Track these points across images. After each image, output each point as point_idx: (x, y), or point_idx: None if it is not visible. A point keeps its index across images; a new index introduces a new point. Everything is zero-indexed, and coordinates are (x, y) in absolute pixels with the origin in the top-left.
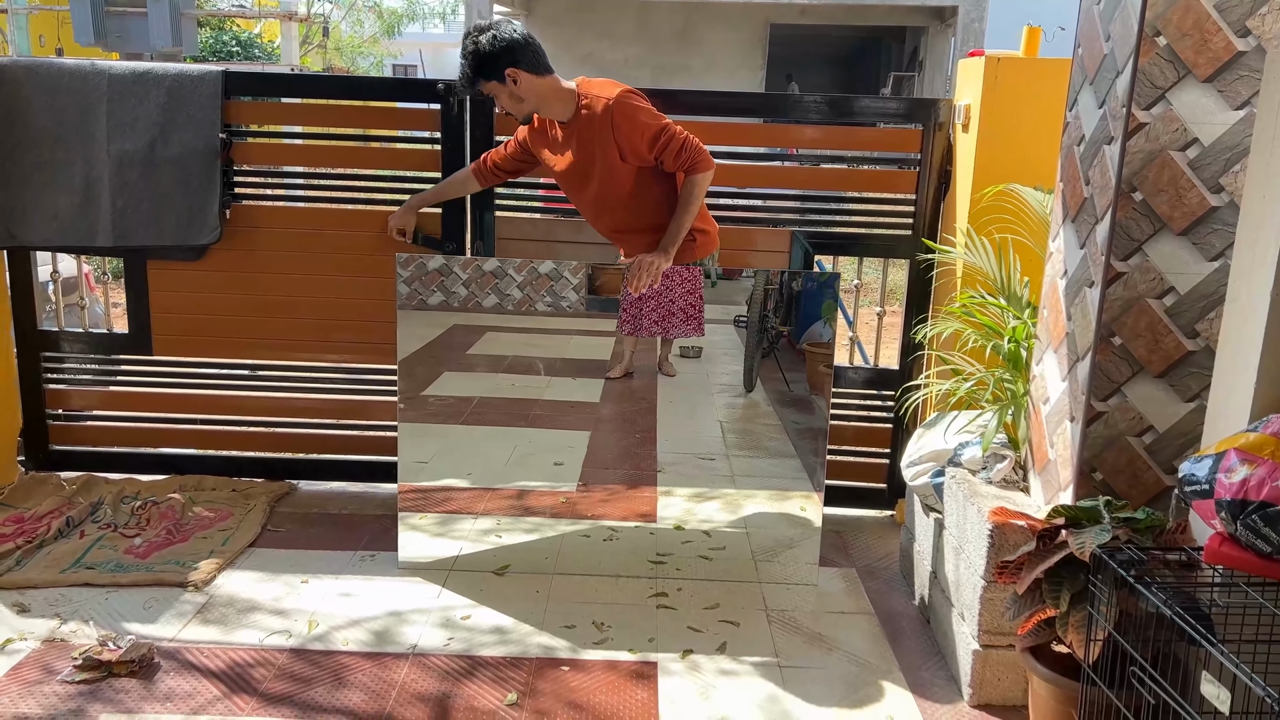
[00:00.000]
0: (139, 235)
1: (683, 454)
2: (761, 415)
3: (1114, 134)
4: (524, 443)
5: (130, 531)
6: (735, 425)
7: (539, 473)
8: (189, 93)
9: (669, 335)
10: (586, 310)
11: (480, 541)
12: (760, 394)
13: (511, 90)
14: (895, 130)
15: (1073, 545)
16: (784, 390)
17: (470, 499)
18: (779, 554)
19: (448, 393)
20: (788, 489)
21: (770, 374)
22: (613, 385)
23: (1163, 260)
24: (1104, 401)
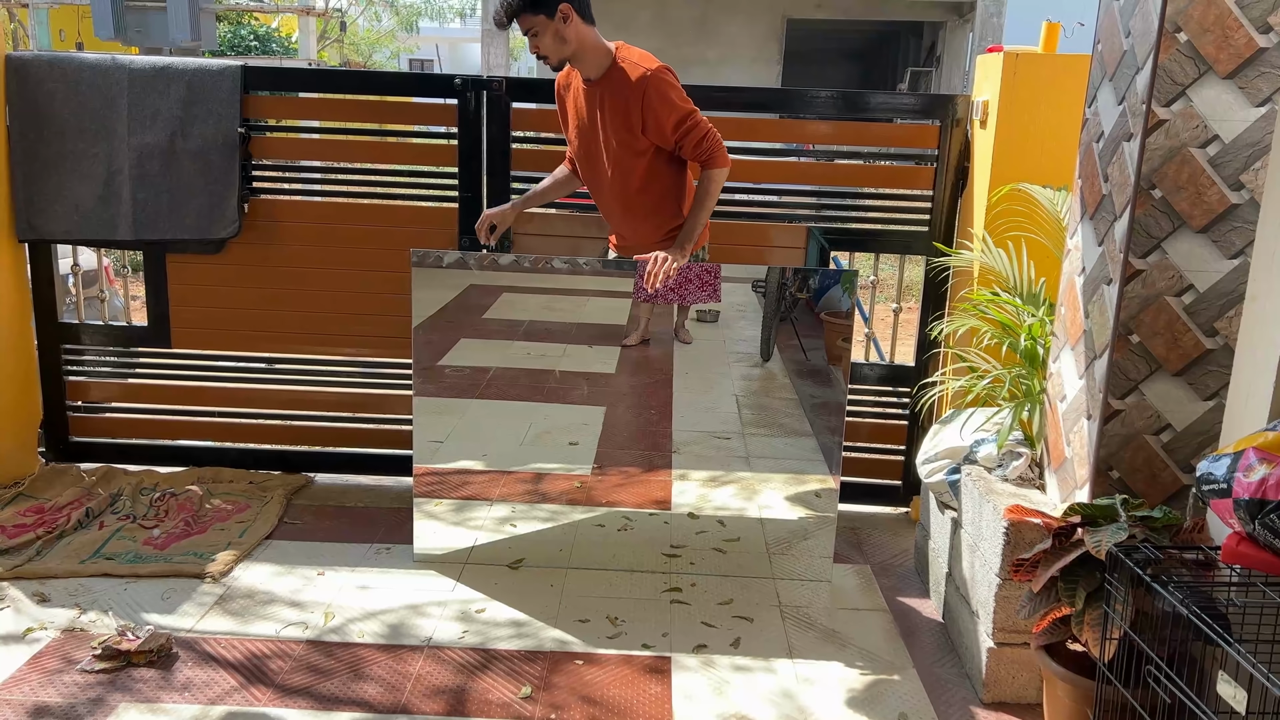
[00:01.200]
0: (159, 228)
1: (698, 433)
2: (778, 388)
3: (1133, 131)
4: (540, 419)
5: (149, 523)
6: (751, 400)
7: (554, 454)
8: (208, 87)
9: (685, 302)
10: (603, 269)
11: (496, 531)
12: (777, 364)
13: (559, 29)
14: (912, 126)
15: (1089, 543)
16: (801, 360)
17: (486, 483)
18: (793, 546)
19: (464, 362)
20: (804, 471)
21: (787, 341)
22: (629, 354)
23: (1182, 258)
24: (1121, 399)
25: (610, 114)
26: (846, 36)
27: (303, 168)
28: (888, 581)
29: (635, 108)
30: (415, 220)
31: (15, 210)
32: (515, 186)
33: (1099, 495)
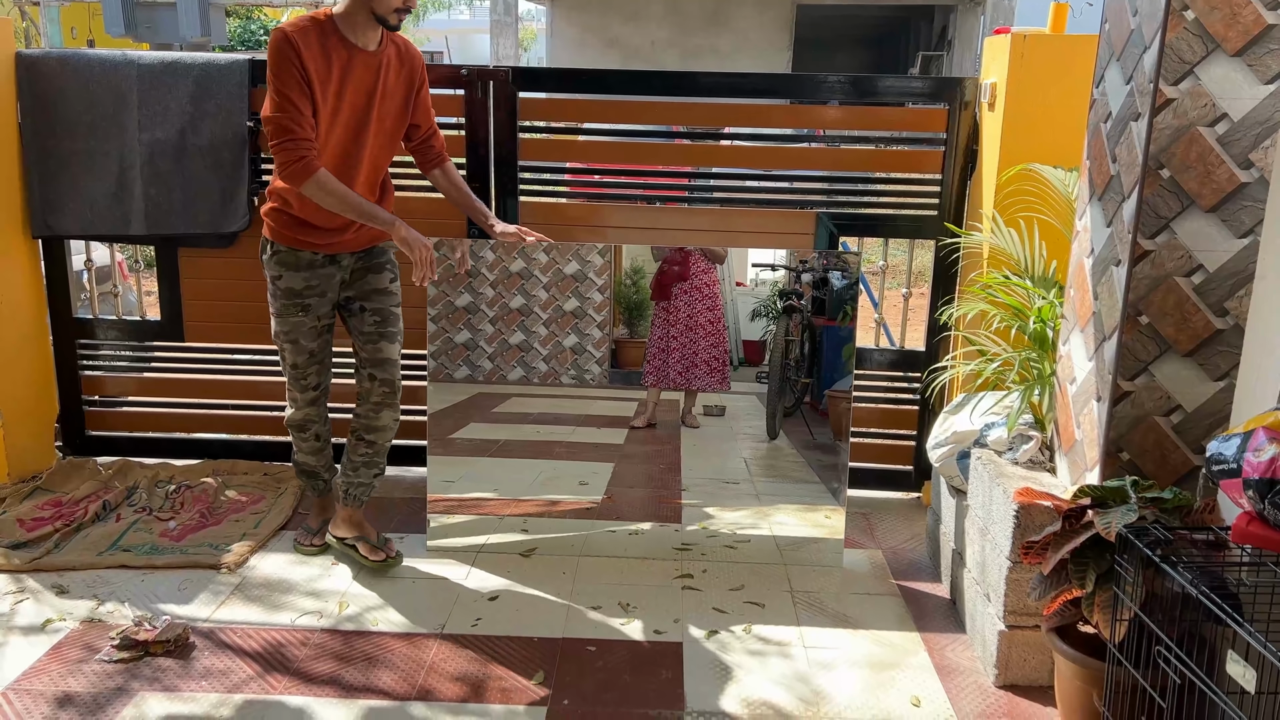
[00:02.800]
0: (171, 223)
1: (708, 480)
2: (785, 456)
3: (1141, 110)
4: (549, 470)
5: (165, 515)
6: (760, 463)
7: (563, 490)
8: (217, 82)
9: (693, 387)
10: (609, 383)
11: (508, 534)
12: (784, 440)
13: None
14: (920, 110)
15: (1098, 525)
16: (808, 439)
17: (499, 505)
18: (804, 545)
19: (474, 437)
20: (813, 503)
21: (794, 426)
22: (636, 433)
23: (1191, 238)
24: (1131, 381)
25: (392, 87)
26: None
27: None
28: (899, 566)
29: (414, 83)
30: (425, 211)
31: (30, 207)
32: (523, 176)
33: (1109, 477)
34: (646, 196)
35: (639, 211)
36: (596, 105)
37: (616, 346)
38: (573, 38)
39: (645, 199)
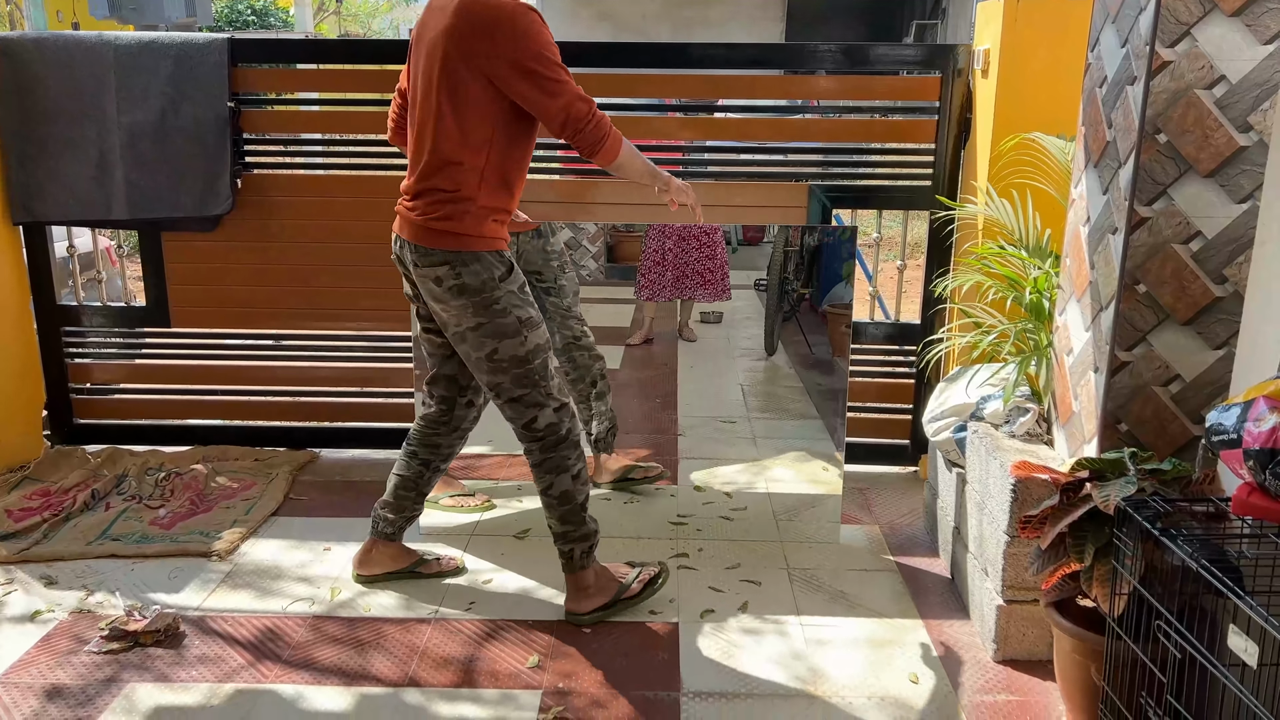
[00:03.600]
0: (153, 207)
1: (703, 418)
2: (783, 378)
3: (1137, 74)
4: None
5: (155, 503)
6: (756, 389)
7: None
8: (195, 61)
9: (687, 298)
10: (606, 279)
11: (503, 506)
12: (782, 357)
13: None
14: (913, 79)
15: (1097, 498)
16: (806, 353)
17: (492, 466)
18: (800, 513)
19: None
20: (810, 449)
21: (792, 337)
22: (633, 351)
23: (1189, 204)
24: (1129, 351)
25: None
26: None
27: (295, 141)
28: (896, 541)
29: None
30: None
31: (9, 193)
32: None
33: (1107, 449)
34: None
35: (629, 187)
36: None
37: (612, 242)
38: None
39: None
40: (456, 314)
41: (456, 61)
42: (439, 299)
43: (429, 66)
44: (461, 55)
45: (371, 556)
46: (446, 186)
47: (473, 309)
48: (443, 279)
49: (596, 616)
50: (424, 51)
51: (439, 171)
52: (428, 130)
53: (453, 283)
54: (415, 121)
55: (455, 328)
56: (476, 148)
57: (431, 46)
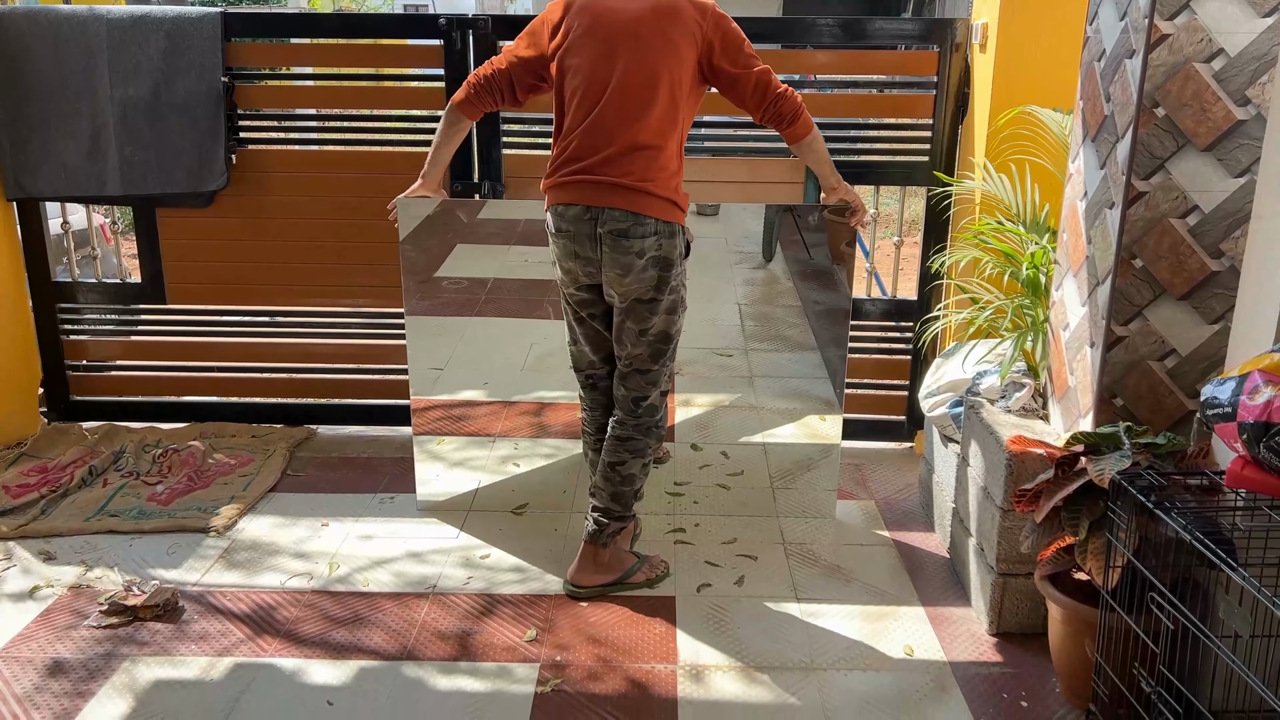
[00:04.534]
0: (147, 183)
1: (701, 350)
2: (781, 294)
3: (1135, 47)
4: (539, 338)
5: (152, 479)
6: (754, 308)
7: (555, 379)
8: (188, 36)
9: None
10: None
11: (498, 472)
12: (779, 265)
13: None
14: (911, 53)
15: (1091, 472)
16: (804, 259)
17: (487, 417)
18: (797, 479)
19: (459, 272)
20: (808, 391)
21: (790, 236)
22: None
23: (1186, 178)
24: (1125, 325)
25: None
26: None
27: (290, 116)
28: (892, 516)
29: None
30: (407, 165)
31: (2, 170)
32: (505, 129)
33: (1103, 424)
34: None
35: None
36: None
37: None
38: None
39: None
40: (642, 283)
41: (675, 49)
42: (629, 269)
43: (634, 53)
44: (679, 44)
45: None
46: (656, 160)
47: (659, 281)
48: (647, 249)
49: (597, 591)
50: (619, 38)
51: (647, 148)
52: (630, 110)
53: (655, 253)
54: (596, 100)
55: (630, 297)
56: (676, 128)
57: (638, 35)
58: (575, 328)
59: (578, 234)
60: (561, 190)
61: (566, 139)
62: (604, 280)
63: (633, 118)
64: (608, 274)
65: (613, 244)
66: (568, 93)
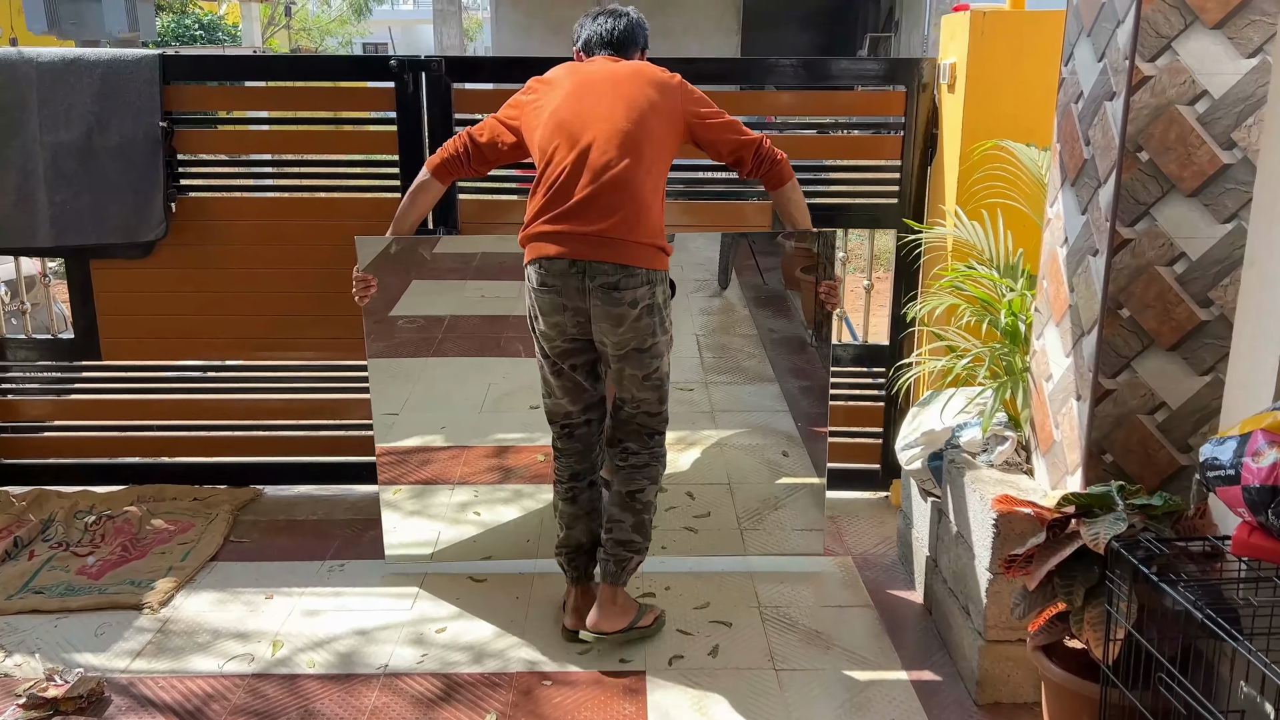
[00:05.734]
0: (80, 233)
1: None
2: (738, 324)
3: (1116, 89)
4: (498, 378)
5: (83, 550)
6: (711, 338)
7: (514, 422)
8: (124, 79)
9: None
10: None
11: (459, 521)
12: (735, 292)
13: None
14: (876, 93)
15: (1085, 537)
16: (759, 285)
17: (447, 462)
18: (764, 518)
19: (416, 310)
20: (769, 426)
21: (744, 261)
22: None
23: (1172, 224)
24: (1112, 378)
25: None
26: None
27: (232, 162)
28: (870, 574)
29: None
30: (356, 212)
31: None
32: None
33: (1092, 481)
34: None
35: None
36: None
37: None
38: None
39: None
40: (637, 333)
41: (656, 108)
42: (622, 320)
43: (618, 106)
44: (664, 109)
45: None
46: (641, 210)
47: (654, 328)
48: (639, 299)
49: (621, 637)
50: (602, 94)
51: (632, 198)
52: (614, 161)
53: (648, 301)
54: (579, 152)
55: (628, 346)
56: (658, 177)
57: (619, 91)
58: (552, 380)
59: (565, 288)
60: (545, 243)
61: (548, 190)
62: (595, 332)
63: (617, 169)
64: (600, 325)
65: (604, 297)
66: (549, 145)
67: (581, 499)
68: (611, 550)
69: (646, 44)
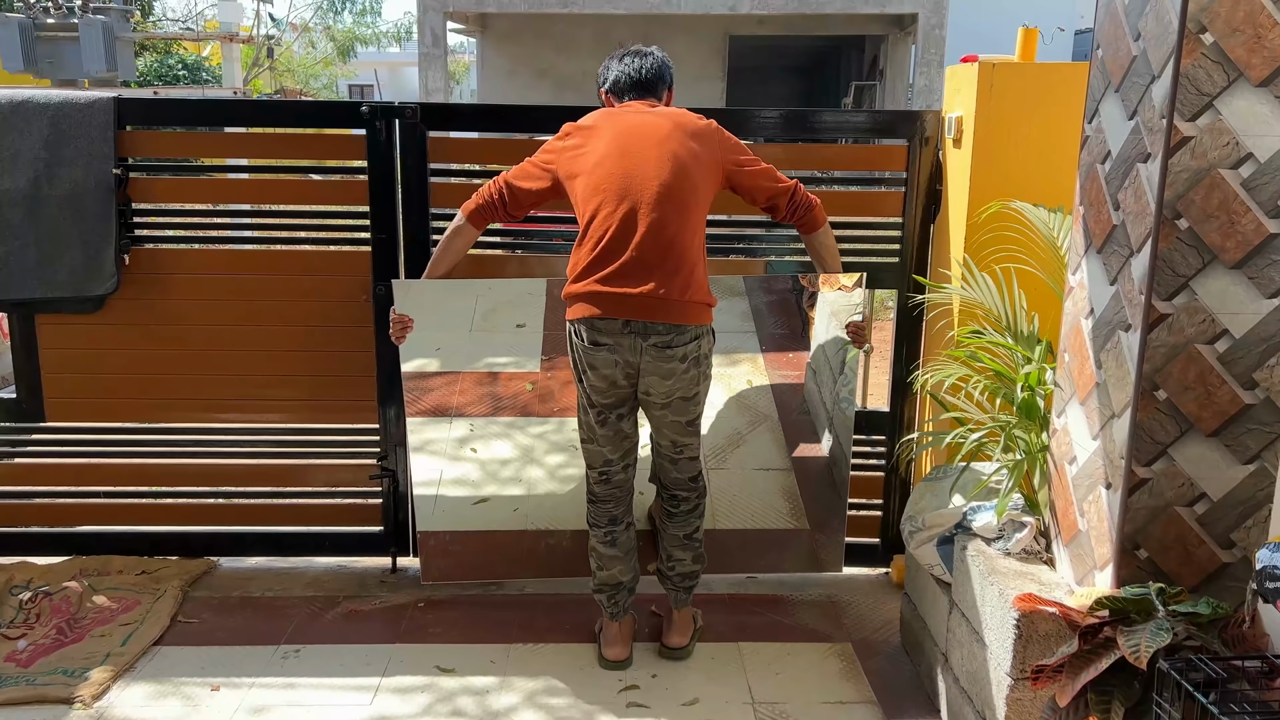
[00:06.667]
0: (25, 286)
1: None
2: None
3: (1151, 150)
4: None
5: (15, 631)
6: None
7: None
8: (76, 123)
9: None
10: None
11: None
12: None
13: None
14: (876, 147)
15: (1124, 648)
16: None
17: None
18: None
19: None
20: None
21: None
22: None
23: (1213, 299)
24: (1147, 466)
25: None
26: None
27: (191, 212)
28: (873, 664)
29: None
30: (323, 266)
31: None
32: (435, 225)
33: (1125, 579)
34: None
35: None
36: (517, 145)
37: None
38: (503, 69)
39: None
40: (685, 384)
41: (699, 159)
42: (672, 374)
43: (664, 161)
44: (705, 160)
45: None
46: (692, 266)
47: (700, 378)
48: (689, 354)
49: (693, 646)
50: (648, 146)
51: (682, 255)
52: (667, 216)
53: (695, 354)
54: (627, 218)
55: (673, 396)
56: (702, 238)
57: (663, 145)
58: (596, 428)
59: (618, 345)
60: (595, 304)
61: (595, 246)
62: (643, 384)
63: (666, 228)
64: (648, 379)
65: (656, 354)
66: (594, 198)
67: (620, 542)
68: (678, 582)
69: (672, 81)
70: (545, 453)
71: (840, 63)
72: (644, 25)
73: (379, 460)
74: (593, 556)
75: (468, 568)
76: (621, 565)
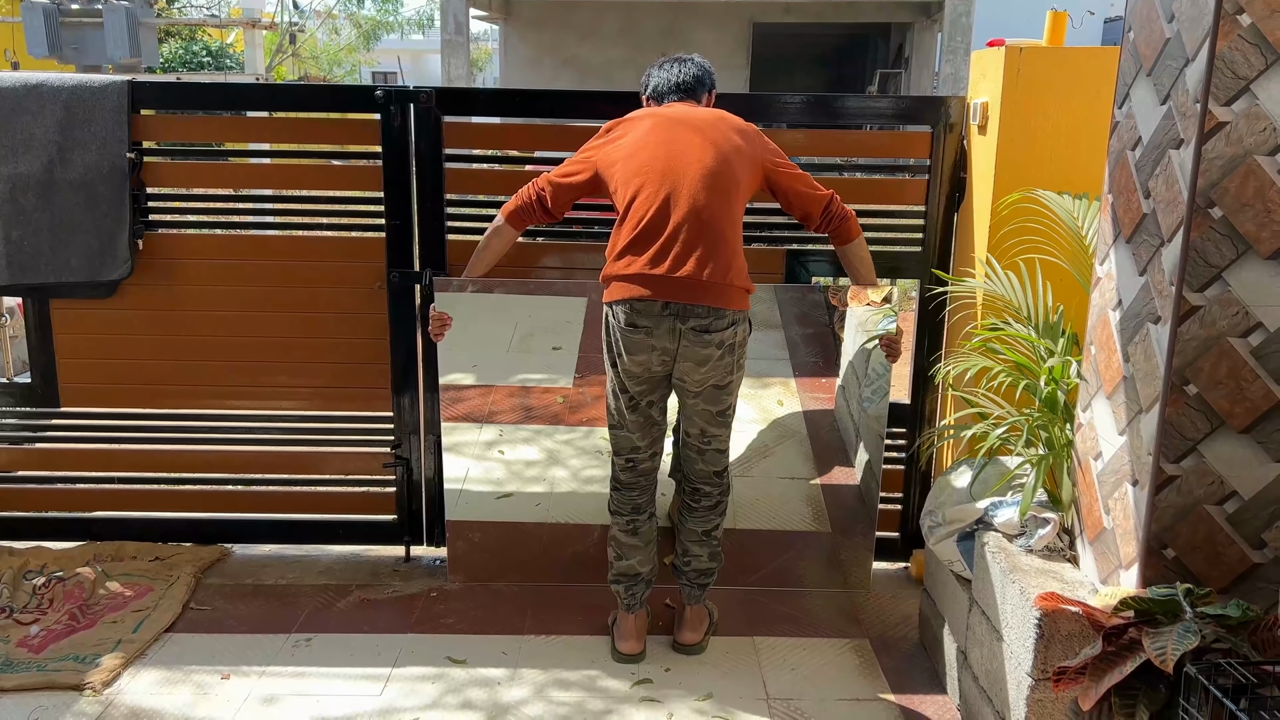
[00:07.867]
0: (39, 271)
1: None
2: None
3: (1184, 136)
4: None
5: (28, 617)
6: None
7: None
8: (90, 107)
9: None
10: None
11: (484, 459)
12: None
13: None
14: (899, 134)
15: (1150, 651)
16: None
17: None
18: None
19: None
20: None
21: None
22: None
23: (1247, 291)
24: (1176, 463)
25: None
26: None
27: (205, 197)
28: (890, 661)
29: None
30: (336, 253)
31: None
32: (450, 212)
33: (1151, 579)
34: (598, 234)
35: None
36: (535, 130)
37: None
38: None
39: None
40: (720, 371)
41: (741, 153)
42: (707, 360)
43: (707, 148)
44: (748, 154)
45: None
46: (733, 251)
47: (732, 366)
48: (725, 340)
49: (707, 642)
50: (691, 134)
51: (723, 239)
52: (709, 201)
53: (731, 341)
54: (667, 200)
55: (708, 384)
56: (737, 223)
57: (706, 134)
58: (626, 414)
59: (656, 329)
60: (636, 285)
61: (635, 227)
62: (678, 370)
63: (709, 211)
64: (683, 365)
65: (694, 338)
66: (633, 180)
67: (642, 531)
68: (693, 579)
69: (714, 86)
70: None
71: (865, 51)
72: (669, 13)
73: (393, 448)
74: (612, 546)
75: (495, 570)
76: (641, 555)
